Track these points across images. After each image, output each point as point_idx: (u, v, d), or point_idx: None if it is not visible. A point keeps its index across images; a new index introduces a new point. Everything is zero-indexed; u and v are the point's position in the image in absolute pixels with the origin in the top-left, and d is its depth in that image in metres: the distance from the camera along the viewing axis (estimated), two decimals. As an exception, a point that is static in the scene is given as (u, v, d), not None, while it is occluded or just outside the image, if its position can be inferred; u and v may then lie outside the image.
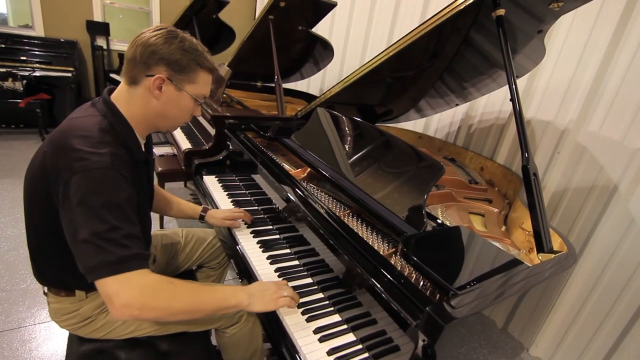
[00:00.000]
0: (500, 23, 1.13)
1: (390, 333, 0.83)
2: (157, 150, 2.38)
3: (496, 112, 2.12)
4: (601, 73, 1.63)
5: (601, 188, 1.64)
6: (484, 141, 2.17)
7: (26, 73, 3.49)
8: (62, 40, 3.93)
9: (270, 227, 1.34)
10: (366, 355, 0.86)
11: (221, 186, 1.60)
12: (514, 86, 1.12)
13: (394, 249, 1.00)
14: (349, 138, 1.41)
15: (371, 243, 1.00)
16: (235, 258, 1.29)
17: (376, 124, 1.91)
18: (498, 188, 1.69)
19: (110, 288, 0.73)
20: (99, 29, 4.19)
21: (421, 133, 2.21)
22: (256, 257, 1.17)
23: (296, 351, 0.86)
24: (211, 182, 1.62)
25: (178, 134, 2.31)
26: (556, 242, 1.11)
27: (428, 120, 2.52)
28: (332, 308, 0.98)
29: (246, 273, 1.14)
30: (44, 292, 0.98)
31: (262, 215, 1.42)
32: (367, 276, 0.86)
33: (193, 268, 1.39)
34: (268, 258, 1.16)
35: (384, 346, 0.84)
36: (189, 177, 2.19)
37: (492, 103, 2.13)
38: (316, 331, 0.90)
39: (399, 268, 0.91)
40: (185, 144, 2.12)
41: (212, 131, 1.88)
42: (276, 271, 1.11)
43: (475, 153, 1.92)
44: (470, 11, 1.20)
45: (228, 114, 1.88)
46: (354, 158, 1.31)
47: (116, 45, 4.42)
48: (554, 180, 1.82)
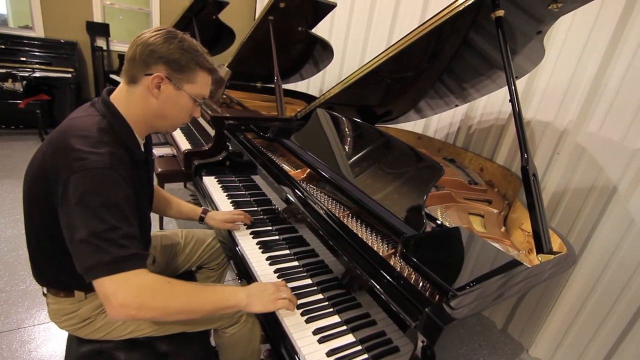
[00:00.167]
0: (499, 24, 1.13)
1: (389, 334, 0.83)
2: (157, 151, 2.38)
3: (496, 113, 2.12)
4: (600, 73, 1.63)
5: (601, 188, 1.64)
6: (484, 142, 2.17)
7: (26, 74, 3.49)
8: (62, 41, 3.93)
9: (269, 228, 1.34)
10: (365, 356, 0.86)
11: (221, 187, 1.60)
12: (514, 87, 1.12)
13: (394, 250, 1.00)
14: (349, 139, 1.41)
15: (371, 244, 1.00)
16: (234, 259, 1.29)
17: (376, 125, 1.91)
18: (497, 189, 1.69)
19: (107, 288, 0.73)
20: (99, 30, 4.19)
21: (421, 134, 2.21)
22: (255, 258, 1.17)
23: (295, 352, 0.86)
24: (211, 183, 1.62)
25: (177, 135, 2.31)
26: (556, 243, 1.11)
27: (428, 121, 2.53)
28: (332, 309, 0.98)
29: (245, 274, 1.14)
30: (44, 293, 0.98)
31: (262, 216, 1.42)
32: (367, 277, 0.86)
33: (193, 269, 1.39)
34: (267, 259, 1.16)
35: (384, 347, 0.84)
36: (189, 178, 2.19)
37: (492, 104, 2.13)
38: (316, 332, 0.90)
39: (399, 269, 0.91)
40: (184, 145, 2.12)
41: (212, 132, 1.88)
42: (275, 272, 1.11)
43: (474, 154, 1.92)
44: (469, 12, 1.20)
45: (228, 115, 1.88)
46: (354, 159, 1.31)
47: (116, 46, 4.42)
48: (554, 180, 1.82)
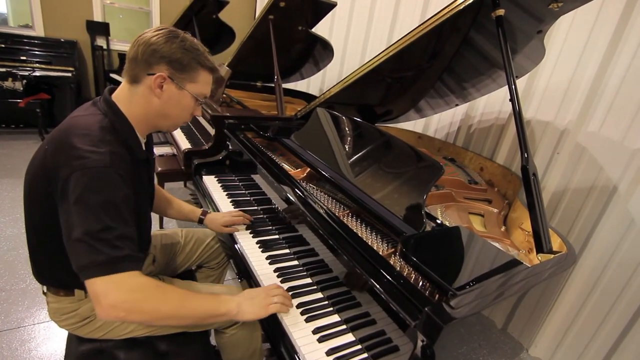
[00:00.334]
0: (499, 23, 1.13)
1: (389, 333, 0.83)
2: (157, 150, 2.38)
3: (496, 113, 2.12)
4: (601, 73, 1.63)
5: (601, 188, 1.64)
6: (484, 141, 2.17)
7: (26, 73, 3.49)
8: (62, 40, 3.93)
9: (269, 227, 1.34)
10: (365, 355, 0.86)
11: (221, 186, 1.60)
12: (514, 86, 1.12)
13: (394, 249, 1.00)
14: (349, 138, 1.41)
15: (370, 243, 1.00)
16: (234, 258, 1.29)
17: (376, 124, 1.91)
18: (498, 188, 1.69)
19: (98, 288, 0.73)
20: (99, 29, 4.19)
21: (421, 133, 2.21)
22: (255, 257, 1.17)
23: (295, 351, 0.86)
24: (211, 182, 1.62)
25: (178, 134, 2.31)
26: (556, 243, 1.11)
27: (428, 120, 2.52)
28: (332, 308, 0.98)
29: (245, 273, 1.14)
30: (43, 292, 0.98)
31: (262, 215, 1.42)
32: (367, 276, 0.86)
33: (192, 268, 1.39)
34: (267, 258, 1.16)
35: (383, 346, 0.84)
36: (189, 177, 2.19)
37: (492, 103, 2.13)
38: (315, 331, 0.90)
39: (398, 268, 0.91)
40: (184, 144, 2.12)
41: (212, 131, 1.88)
42: (275, 271, 1.11)
43: (474, 153, 1.92)
44: (469, 11, 1.20)
45: (228, 114, 1.88)
46: (354, 158, 1.31)
47: (116, 45, 4.42)
48: (554, 180, 1.82)
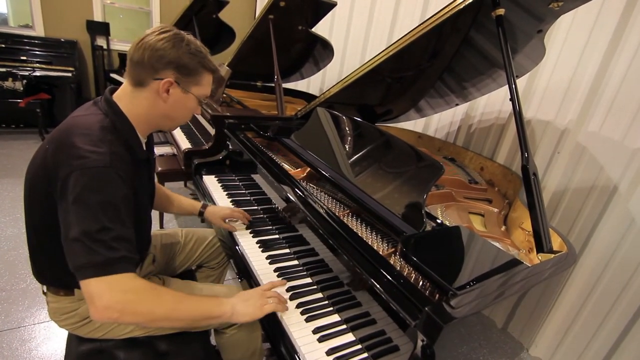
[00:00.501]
0: (500, 23, 1.13)
1: (389, 333, 0.83)
2: (157, 150, 2.38)
3: (496, 112, 2.12)
4: (601, 73, 1.63)
5: (601, 188, 1.64)
6: (484, 141, 2.17)
7: (26, 73, 3.49)
8: (62, 40, 3.93)
9: (269, 227, 1.34)
10: (365, 355, 0.86)
11: (221, 186, 1.60)
12: (514, 86, 1.12)
13: (394, 249, 1.00)
14: (349, 138, 1.40)
15: (370, 243, 1.00)
16: (234, 258, 1.29)
17: (376, 124, 1.91)
18: (498, 188, 1.69)
19: (93, 289, 0.73)
20: (99, 29, 4.19)
21: (421, 133, 2.21)
22: (255, 257, 1.17)
23: (295, 351, 0.86)
24: (211, 182, 1.62)
25: (178, 134, 2.31)
26: (556, 242, 1.11)
27: (428, 120, 2.52)
28: (332, 308, 0.98)
29: (245, 273, 1.14)
30: (43, 292, 0.98)
31: (262, 215, 1.42)
32: (367, 276, 0.86)
33: (193, 268, 1.39)
34: (267, 258, 1.16)
35: (383, 346, 0.84)
36: (189, 177, 2.19)
37: (492, 103, 2.13)
38: (315, 331, 0.90)
39: (398, 268, 0.91)
40: (185, 144, 2.12)
41: (212, 131, 1.88)
42: (275, 271, 1.11)
43: (475, 153, 1.92)
44: (470, 11, 1.20)
45: (228, 114, 1.88)
46: (354, 158, 1.31)
47: (116, 45, 4.42)
48: (554, 180, 1.82)
